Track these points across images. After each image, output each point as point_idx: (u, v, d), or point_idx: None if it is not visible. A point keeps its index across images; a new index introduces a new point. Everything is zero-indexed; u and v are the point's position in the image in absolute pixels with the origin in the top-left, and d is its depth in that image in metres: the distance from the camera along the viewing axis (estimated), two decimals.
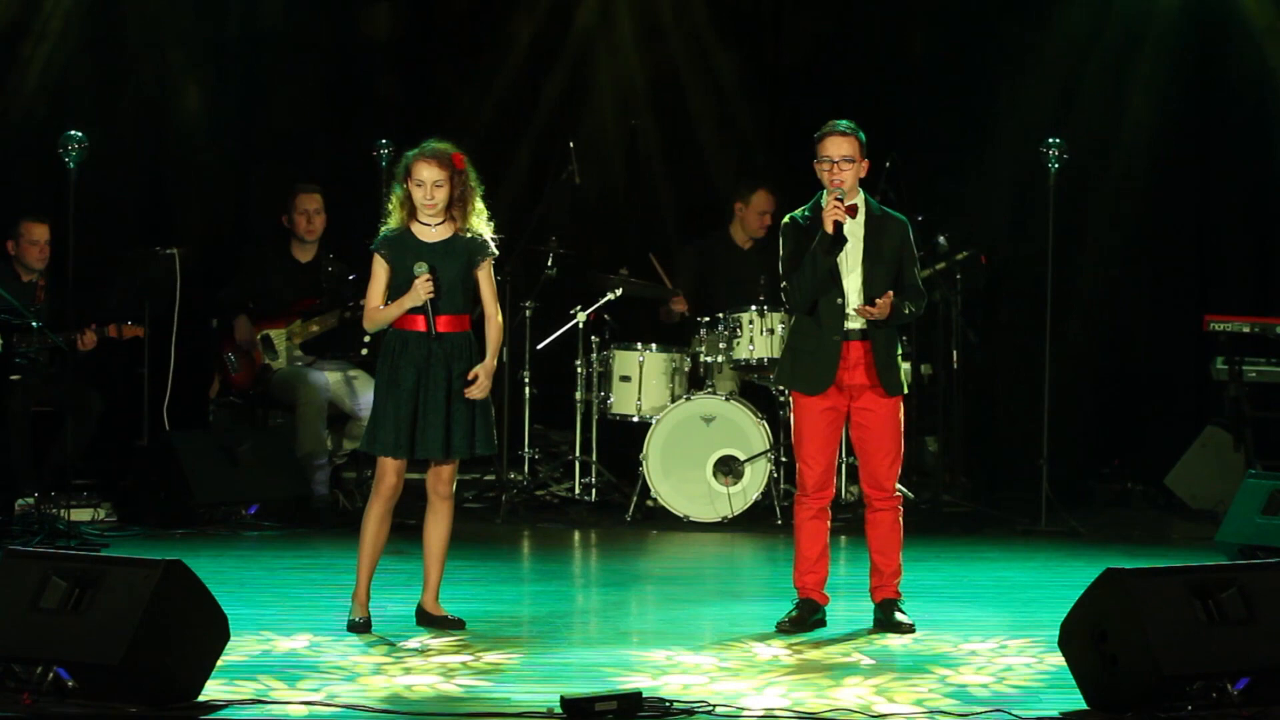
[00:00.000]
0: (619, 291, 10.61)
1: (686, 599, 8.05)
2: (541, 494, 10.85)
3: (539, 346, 10.74)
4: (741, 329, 10.32)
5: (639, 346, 10.54)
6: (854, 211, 7.16)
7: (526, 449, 10.74)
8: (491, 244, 7.08)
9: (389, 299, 7.02)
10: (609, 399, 10.51)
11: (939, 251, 10.51)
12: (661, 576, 8.87)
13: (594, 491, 10.59)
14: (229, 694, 5.80)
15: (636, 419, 10.45)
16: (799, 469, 7.26)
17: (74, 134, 9.50)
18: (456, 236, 7.03)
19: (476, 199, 7.05)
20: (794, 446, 7.29)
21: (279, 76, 11.64)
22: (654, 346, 10.55)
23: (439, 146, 7.01)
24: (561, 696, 5.67)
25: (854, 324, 7.15)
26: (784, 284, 7.21)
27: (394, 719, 5.67)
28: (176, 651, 5.67)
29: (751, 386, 10.70)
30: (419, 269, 6.92)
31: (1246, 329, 10.50)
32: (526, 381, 10.68)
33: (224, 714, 5.64)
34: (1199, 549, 9.13)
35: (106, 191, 10.95)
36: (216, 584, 6.02)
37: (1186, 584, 5.71)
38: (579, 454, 10.64)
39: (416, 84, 11.95)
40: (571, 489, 10.71)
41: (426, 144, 7.03)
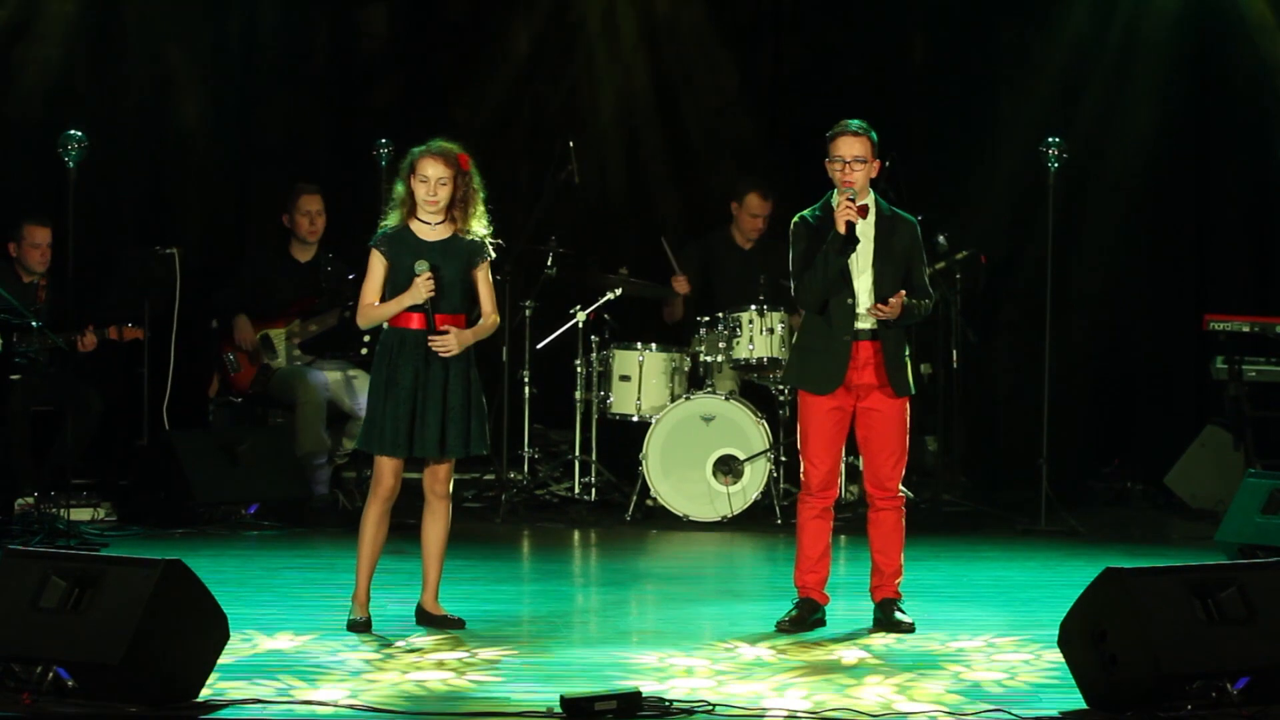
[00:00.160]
0: (619, 291, 10.61)
1: (686, 599, 8.05)
2: (541, 493, 10.84)
3: (539, 346, 10.73)
4: (741, 328, 10.31)
5: (639, 346, 10.54)
6: (865, 212, 7.16)
7: (526, 448, 10.73)
8: (489, 247, 7.08)
9: (385, 296, 7.02)
10: (609, 398, 10.51)
11: (939, 251, 10.51)
12: (661, 576, 8.87)
13: (594, 491, 10.58)
14: (229, 694, 5.81)
15: (636, 418, 10.45)
16: (804, 468, 7.25)
17: (74, 134, 9.49)
18: (456, 236, 7.03)
19: (478, 201, 7.05)
20: (799, 445, 7.28)
21: (279, 76, 11.63)
22: (654, 346, 10.54)
23: (446, 145, 7.02)
24: (561, 696, 5.67)
25: (864, 324, 7.15)
26: (794, 283, 7.21)
27: (394, 718, 5.67)
28: (176, 651, 5.67)
29: (751, 386, 10.69)
30: (420, 267, 6.92)
31: (1246, 328, 10.49)
32: (526, 381, 10.67)
33: (224, 714, 5.64)
34: (1199, 548, 9.13)
35: (106, 191, 10.95)
36: (216, 584, 6.02)
37: (1186, 583, 5.71)
38: (579, 453, 10.63)
39: (416, 84, 11.94)
40: (571, 488, 10.70)
41: (434, 142, 7.03)
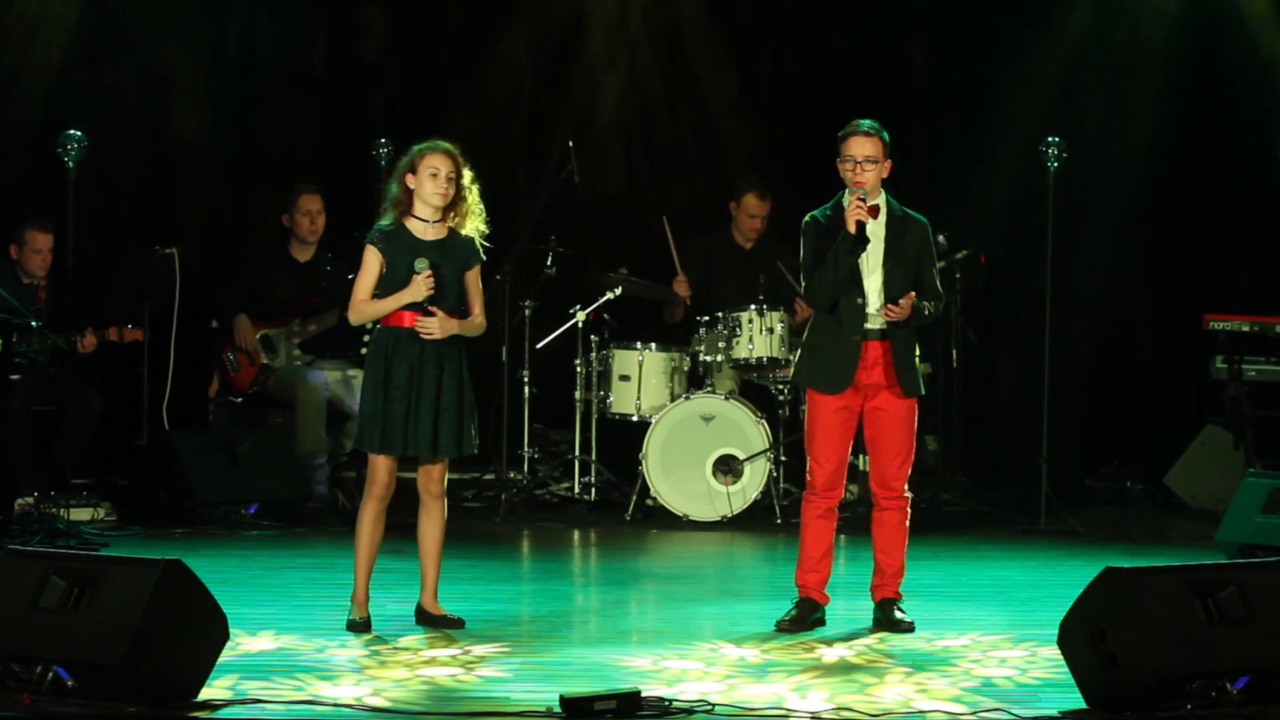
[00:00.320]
0: (618, 291, 10.60)
1: (686, 598, 8.05)
2: (541, 493, 10.84)
3: (539, 346, 10.73)
4: (741, 328, 10.31)
5: (638, 346, 10.53)
6: (876, 212, 7.16)
7: (526, 448, 10.73)
8: (481, 250, 7.08)
9: (379, 293, 7.01)
10: (608, 398, 10.50)
11: (939, 251, 10.50)
12: (661, 576, 8.87)
13: (593, 491, 10.58)
14: (229, 694, 5.81)
15: (636, 418, 10.44)
16: (809, 467, 7.25)
17: (74, 134, 9.48)
18: (453, 236, 7.03)
19: (477, 203, 7.05)
20: (806, 444, 7.27)
21: (279, 76, 11.62)
22: (653, 346, 10.54)
23: (449, 145, 7.02)
24: (561, 696, 5.67)
25: (874, 324, 7.15)
26: (804, 282, 7.21)
27: (394, 718, 5.67)
28: (176, 651, 5.67)
29: (751, 386, 10.69)
30: (421, 265, 6.91)
31: (1246, 328, 10.48)
32: (526, 381, 10.67)
33: (224, 714, 5.64)
34: (1199, 548, 9.13)
35: (106, 192, 10.95)
36: (216, 583, 6.02)
37: (1186, 583, 5.71)
38: (579, 453, 10.63)
39: (416, 84, 11.94)
40: (571, 488, 10.70)
41: (436, 140, 7.03)
